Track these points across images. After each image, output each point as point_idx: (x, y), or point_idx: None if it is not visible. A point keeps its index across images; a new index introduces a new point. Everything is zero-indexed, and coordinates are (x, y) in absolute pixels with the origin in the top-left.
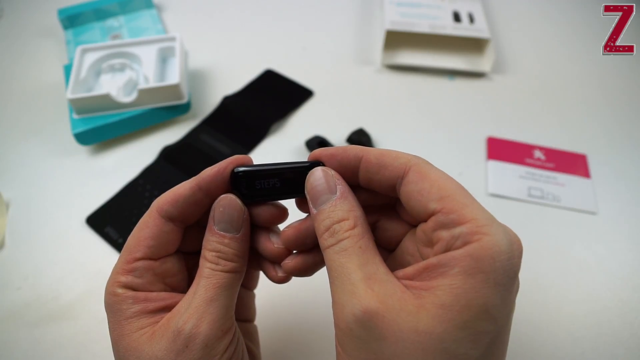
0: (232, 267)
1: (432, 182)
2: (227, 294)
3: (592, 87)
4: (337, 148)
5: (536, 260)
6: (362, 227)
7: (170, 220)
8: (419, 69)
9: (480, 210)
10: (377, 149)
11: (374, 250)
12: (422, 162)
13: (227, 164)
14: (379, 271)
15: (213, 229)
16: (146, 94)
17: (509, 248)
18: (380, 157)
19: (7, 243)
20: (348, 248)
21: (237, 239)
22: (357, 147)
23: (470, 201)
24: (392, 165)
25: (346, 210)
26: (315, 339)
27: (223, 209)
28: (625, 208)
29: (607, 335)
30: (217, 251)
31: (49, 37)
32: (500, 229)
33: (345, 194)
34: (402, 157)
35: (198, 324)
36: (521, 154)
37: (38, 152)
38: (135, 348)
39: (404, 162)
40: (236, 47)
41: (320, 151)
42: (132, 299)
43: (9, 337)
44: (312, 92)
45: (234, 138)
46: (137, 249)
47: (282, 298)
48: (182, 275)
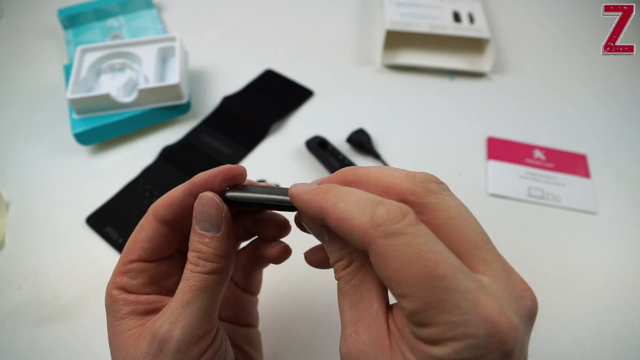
0: (211, 267)
1: (390, 273)
2: (205, 297)
3: (592, 87)
4: (303, 199)
5: (536, 260)
6: (357, 263)
7: (165, 223)
8: (419, 69)
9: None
10: (336, 207)
11: (371, 283)
12: (380, 237)
13: (217, 173)
14: (371, 310)
15: (195, 229)
16: (146, 94)
17: (475, 354)
18: (339, 227)
19: (7, 243)
20: (342, 288)
21: (217, 238)
22: (322, 201)
23: (438, 296)
24: (352, 241)
25: (338, 250)
26: (318, 341)
27: (202, 208)
28: (625, 208)
29: (607, 336)
30: (198, 251)
31: (49, 37)
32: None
33: (333, 236)
34: (357, 231)
35: (171, 328)
36: (521, 154)
37: (38, 152)
38: (123, 349)
39: (361, 238)
40: (236, 47)
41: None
42: (123, 300)
43: (9, 337)
44: (312, 92)
45: (234, 138)
46: (133, 251)
47: (285, 302)
48: (178, 279)
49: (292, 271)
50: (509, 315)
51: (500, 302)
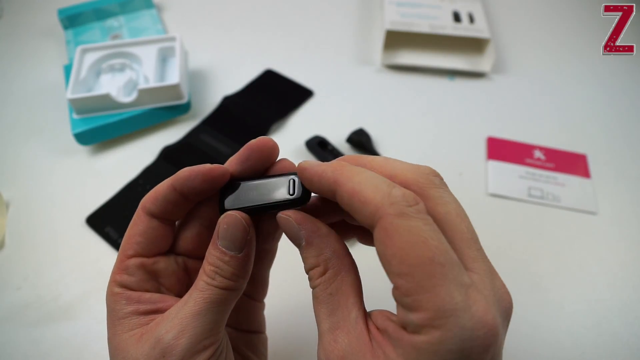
0: (228, 284)
1: (394, 250)
2: (217, 310)
3: (592, 87)
4: (316, 171)
5: (536, 260)
6: (333, 270)
7: (154, 217)
8: (419, 69)
9: (444, 294)
10: (351, 181)
11: (348, 291)
12: (393, 215)
13: (197, 173)
14: (349, 317)
15: (216, 243)
16: (146, 94)
17: (460, 346)
18: (351, 198)
19: (7, 243)
20: (319, 296)
21: (238, 258)
22: (335, 173)
23: (434, 281)
24: (361, 212)
25: (314, 256)
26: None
27: (227, 227)
28: (625, 208)
29: (607, 335)
30: (216, 266)
31: (49, 37)
32: (462, 321)
33: (309, 240)
34: (370, 204)
35: (179, 335)
36: (521, 154)
37: (38, 152)
38: (123, 348)
39: (372, 211)
40: (236, 47)
41: (302, 170)
42: (125, 299)
43: (9, 337)
44: (312, 92)
45: (234, 138)
46: (128, 246)
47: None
48: (177, 278)
49: (292, 271)
50: (494, 313)
51: (487, 301)
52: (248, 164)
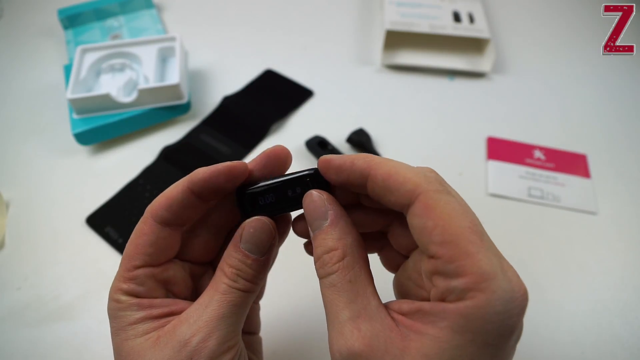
0: (249, 287)
1: (437, 221)
2: (238, 312)
3: (592, 87)
4: (344, 160)
5: (536, 260)
6: (352, 257)
7: (167, 225)
8: (419, 69)
9: (485, 259)
10: (386, 165)
11: (366, 280)
12: (432, 191)
13: (219, 172)
14: (370, 305)
15: (238, 246)
16: (146, 94)
17: (505, 307)
18: (387, 179)
19: (7, 243)
20: (337, 283)
21: (260, 262)
22: (366, 160)
23: (475, 248)
24: (398, 191)
25: (336, 238)
26: (318, 341)
27: (254, 231)
28: (625, 208)
29: (607, 335)
30: (238, 269)
31: (49, 37)
32: (503, 284)
33: (335, 221)
34: (409, 182)
35: (206, 338)
36: (521, 154)
37: (38, 152)
38: (138, 353)
39: (411, 188)
40: (236, 47)
41: (328, 162)
42: (136, 305)
43: (9, 337)
44: (312, 92)
45: (234, 138)
46: (136, 257)
47: (285, 302)
48: (185, 283)
49: (292, 271)
50: (522, 281)
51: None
52: (266, 171)
